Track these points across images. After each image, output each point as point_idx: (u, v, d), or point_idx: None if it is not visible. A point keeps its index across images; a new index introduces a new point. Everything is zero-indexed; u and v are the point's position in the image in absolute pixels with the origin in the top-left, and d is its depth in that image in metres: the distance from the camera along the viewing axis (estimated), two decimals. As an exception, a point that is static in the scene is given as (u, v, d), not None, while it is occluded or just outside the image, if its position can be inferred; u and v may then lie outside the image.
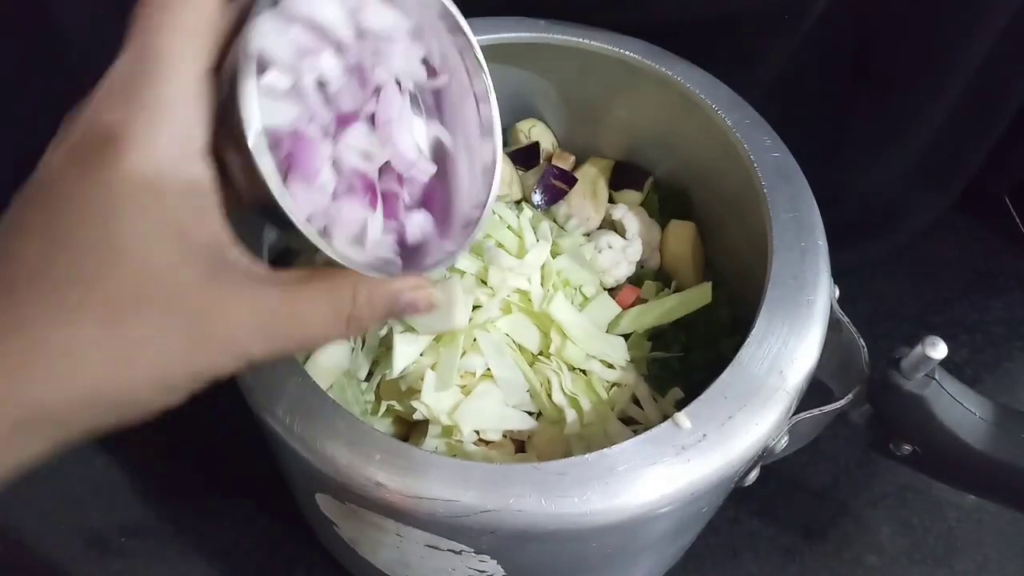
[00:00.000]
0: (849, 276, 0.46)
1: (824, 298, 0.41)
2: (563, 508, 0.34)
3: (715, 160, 0.50)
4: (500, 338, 0.46)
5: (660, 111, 0.53)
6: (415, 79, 0.33)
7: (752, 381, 0.38)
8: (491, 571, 0.40)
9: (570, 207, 0.55)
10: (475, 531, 0.35)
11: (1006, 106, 0.60)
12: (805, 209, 0.44)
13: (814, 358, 0.39)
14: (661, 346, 0.50)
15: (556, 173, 0.55)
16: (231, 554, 0.57)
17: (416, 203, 0.34)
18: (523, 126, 0.59)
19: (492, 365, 0.45)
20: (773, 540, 0.58)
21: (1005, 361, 0.67)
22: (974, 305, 0.70)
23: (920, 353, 0.37)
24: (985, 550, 0.58)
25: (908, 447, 0.42)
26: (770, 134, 0.47)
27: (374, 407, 0.47)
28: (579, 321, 0.48)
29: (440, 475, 0.35)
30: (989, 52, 0.54)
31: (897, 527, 0.59)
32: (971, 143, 0.63)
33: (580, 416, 0.46)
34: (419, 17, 0.31)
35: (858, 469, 0.61)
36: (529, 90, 0.57)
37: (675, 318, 0.50)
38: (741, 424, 0.37)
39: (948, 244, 0.73)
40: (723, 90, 0.49)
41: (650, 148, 0.57)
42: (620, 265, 0.53)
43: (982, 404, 0.40)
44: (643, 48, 0.51)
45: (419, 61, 0.32)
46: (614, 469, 0.35)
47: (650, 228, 0.55)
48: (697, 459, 0.35)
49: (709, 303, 0.50)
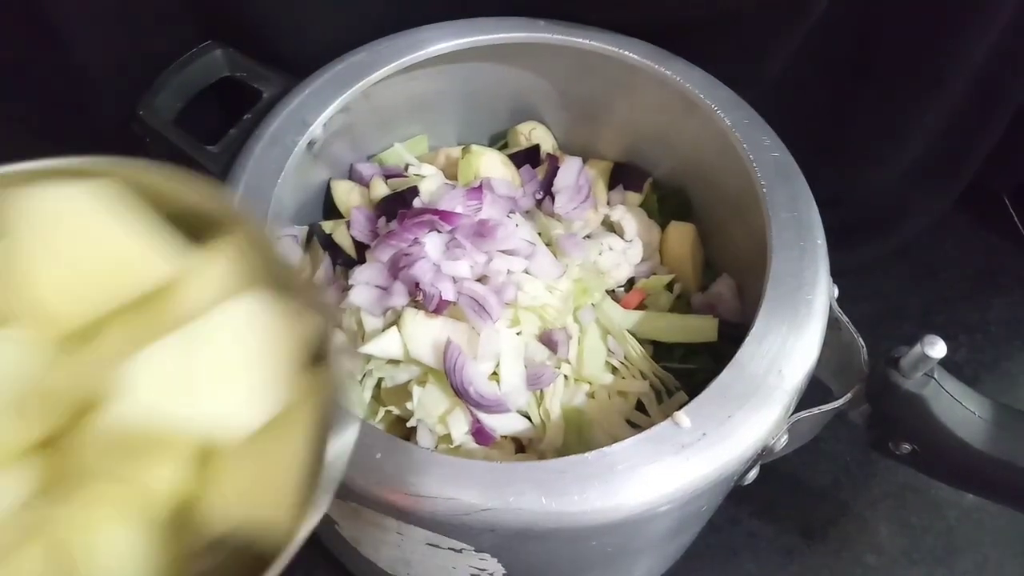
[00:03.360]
0: (849, 276, 0.46)
1: (823, 297, 0.41)
2: (563, 506, 0.34)
3: (714, 160, 0.51)
4: (519, 344, 0.46)
5: (660, 111, 0.53)
6: None
7: (751, 380, 0.38)
8: (491, 569, 0.40)
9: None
10: (476, 529, 0.35)
11: (1006, 106, 0.60)
12: (804, 209, 0.44)
13: (813, 357, 0.39)
14: (662, 351, 0.50)
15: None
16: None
17: None
18: (523, 128, 0.59)
19: (504, 366, 0.45)
20: (773, 540, 0.58)
21: (1005, 361, 0.67)
22: (974, 305, 0.70)
23: (919, 352, 0.37)
24: (984, 550, 0.58)
25: (907, 446, 0.42)
26: (769, 134, 0.47)
27: (373, 408, 0.47)
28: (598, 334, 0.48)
29: (441, 473, 0.35)
30: (989, 52, 0.54)
31: (897, 527, 0.59)
32: (971, 143, 0.63)
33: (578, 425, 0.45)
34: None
35: (858, 469, 0.61)
36: (529, 90, 0.57)
37: (675, 341, 0.50)
38: (740, 423, 0.37)
39: (948, 244, 0.73)
40: (723, 90, 0.49)
41: (650, 148, 0.57)
42: (621, 267, 0.53)
43: (981, 403, 0.40)
44: (643, 48, 0.51)
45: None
46: (614, 467, 0.35)
47: (649, 229, 0.55)
48: (697, 458, 0.36)
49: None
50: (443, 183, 0.54)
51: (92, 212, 0.19)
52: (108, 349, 0.20)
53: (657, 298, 0.53)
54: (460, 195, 0.51)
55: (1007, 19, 0.52)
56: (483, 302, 0.46)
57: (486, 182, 0.53)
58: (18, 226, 0.19)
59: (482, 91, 0.57)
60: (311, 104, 0.47)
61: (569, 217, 0.54)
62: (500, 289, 0.47)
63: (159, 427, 0.18)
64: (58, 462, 0.19)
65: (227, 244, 0.21)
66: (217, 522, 0.20)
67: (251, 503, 0.19)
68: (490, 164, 0.55)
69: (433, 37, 0.50)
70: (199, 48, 0.51)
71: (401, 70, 0.49)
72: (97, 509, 0.18)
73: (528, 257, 0.49)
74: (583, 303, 0.49)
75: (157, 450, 0.19)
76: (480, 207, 0.51)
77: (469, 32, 0.51)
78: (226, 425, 0.19)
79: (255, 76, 0.51)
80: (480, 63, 0.54)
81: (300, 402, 0.20)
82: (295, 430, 0.20)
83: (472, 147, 0.56)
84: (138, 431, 0.18)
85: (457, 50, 0.51)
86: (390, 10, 0.51)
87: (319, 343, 0.22)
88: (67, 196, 0.19)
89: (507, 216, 0.52)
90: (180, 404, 0.18)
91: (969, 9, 0.51)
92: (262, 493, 0.20)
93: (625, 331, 0.49)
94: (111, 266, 0.19)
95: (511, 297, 0.47)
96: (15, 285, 0.19)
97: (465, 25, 0.51)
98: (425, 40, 0.50)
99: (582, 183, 0.55)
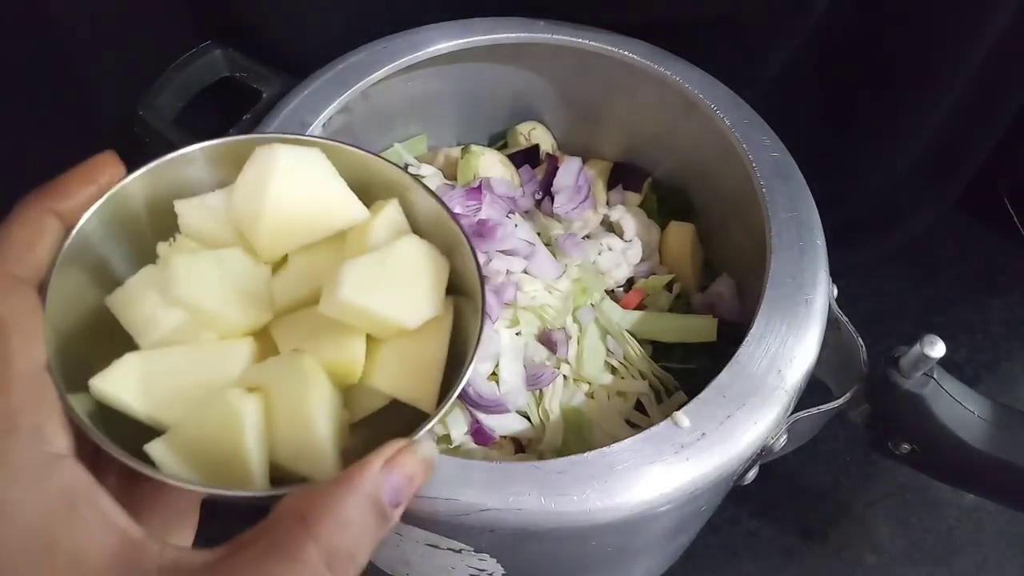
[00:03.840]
0: (849, 276, 0.46)
1: (823, 297, 0.41)
2: (562, 506, 0.34)
3: (714, 160, 0.51)
4: (518, 344, 0.46)
5: (659, 111, 0.53)
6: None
7: (751, 380, 0.38)
8: (491, 570, 0.40)
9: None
10: (475, 529, 0.35)
11: (1006, 106, 0.60)
12: (804, 209, 0.44)
13: (812, 357, 0.39)
14: (661, 351, 0.50)
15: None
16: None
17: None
18: (523, 128, 0.59)
19: (503, 367, 0.45)
20: (773, 540, 0.58)
21: (1005, 361, 0.67)
22: (974, 305, 0.70)
23: (919, 352, 0.37)
24: (984, 550, 0.58)
25: (907, 446, 0.42)
26: (769, 134, 0.47)
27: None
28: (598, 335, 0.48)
29: (440, 473, 0.35)
30: (990, 52, 0.54)
31: (896, 527, 0.59)
32: (971, 143, 0.63)
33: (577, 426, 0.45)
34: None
35: (858, 469, 0.61)
36: (529, 90, 0.57)
37: (675, 341, 0.50)
38: (740, 423, 0.37)
39: (948, 244, 0.73)
40: (722, 90, 0.49)
41: (649, 148, 0.57)
42: (620, 267, 0.53)
43: (981, 403, 0.40)
44: (643, 48, 0.51)
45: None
46: (613, 467, 0.35)
47: (649, 229, 0.55)
48: (696, 458, 0.36)
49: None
50: (442, 183, 0.54)
51: (315, 167, 0.27)
52: (314, 266, 0.28)
53: (657, 298, 0.53)
54: (459, 195, 0.51)
55: (1007, 19, 0.52)
56: (482, 302, 0.45)
57: (485, 182, 0.53)
58: (268, 169, 0.26)
59: (481, 91, 0.57)
60: (310, 104, 0.47)
61: (568, 217, 0.54)
62: (499, 289, 0.47)
63: (355, 314, 0.25)
64: (267, 341, 0.27)
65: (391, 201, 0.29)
66: (372, 399, 0.27)
67: (401, 385, 0.27)
68: (489, 164, 0.55)
69: (433, 37, 0.50)
70: (199, 48, 0.51)
71: (401, 70, 0.49)
72: (302, 370, 0.25)
73: (527, 257, 0.49)
74: (582, 303, 0.49)
75: (345, 333, 0.26)
76: (479, 207, 0.51)
77: (469, 32, 0.51)
78: (399, 319, 0.26)
79: (255, 76, 0.51)
80: (480, 63, 0.54)
81: (443, 317, 0.28)
82: (439, 336, 0.28)
83: (471, 147, 0.56)
84: (339, 317, 0.25)
85: (457, 50, 0.51)
86: (390, 10, 0.52)
87: (456, 280, 0.29)
88: (300, 155, 0.27)
89: (506, 216, 0.52)
90: (373, 299, 0.25)
91: (969, 9, 0.51)
92: (410, 379, 0.27)
93: (624, 331, 0.49)
94: (324, 206, 0.27)
95: (510, 297, 0.47)
96: (253, 213, 0.26)
97: (465, 25, 0.51)
98: (425, 40, 0.50)
99: (581, 183, 0.55)
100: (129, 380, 0.24)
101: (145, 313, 0.26)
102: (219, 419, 0.24)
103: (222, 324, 0.26)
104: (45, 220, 0.25)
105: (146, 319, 0.26)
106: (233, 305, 0.26)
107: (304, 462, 0.24)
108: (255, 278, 0.27)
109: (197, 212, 0.27)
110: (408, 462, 0.23)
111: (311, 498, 0.21)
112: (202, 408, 0.24)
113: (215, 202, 0.27)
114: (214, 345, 0.26)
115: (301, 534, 0.21)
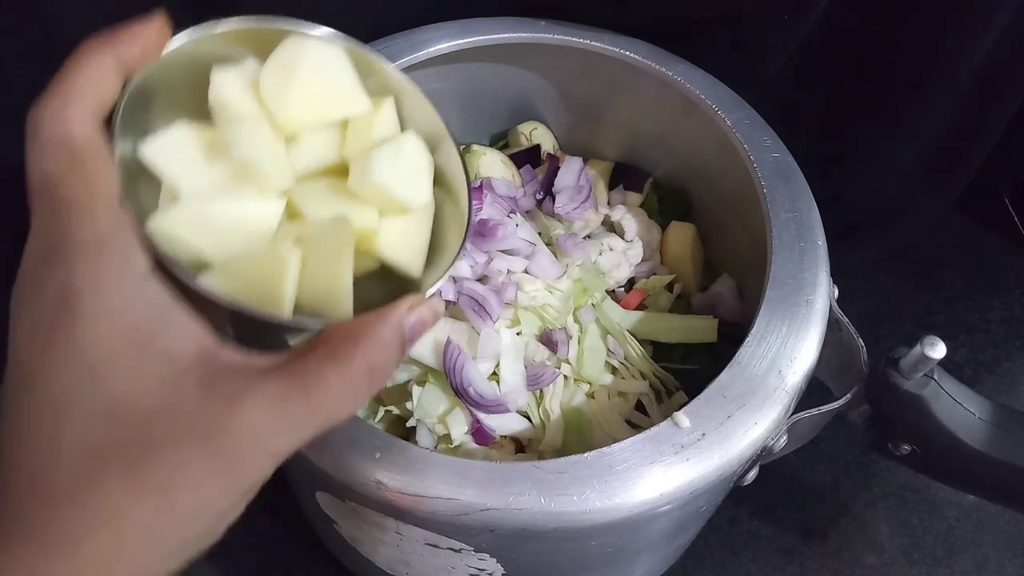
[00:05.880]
0: (849, 276, 0.46)
1: (823, 298, 0.41)
2: (562, 506, 0.34)
3: (715, 160, 0.51)
4: (519, 344, 0.46)
5: (660, 111, 0.53)
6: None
7: (751, 380, 0.38)
8: (490, 569, 0.40)
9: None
10: (475, 529, 0.35)
11: (1006, 106, 0.60)
12: (804, 209, 0.44)
13: (813, 358, 0.39)
14: (662, 351, 0.50)
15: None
16: (231, 553, 0.57)
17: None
18: (524, 128, 0.59)
19: (504, 366, 0.45)
20: (773, 540, 0.58)
21: (1005, 361, 0.67)
22: (974, 305, 0.70)
23: (919, 353, 0.37)
24: (984, 550, 0.58)
25: (907, 447, 0.42)
26: (769, 134, 0.47)
27: (372, 408, 0.47)
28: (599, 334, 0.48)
29: (440, 473, 0.35)
30: (990, 52, 0.54)
31: (896, 527, 0.59)
32: (971, 143, 0.63)
33: (578, 426, 0.45)
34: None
35: (858, 469, 0.61)
36: (529, 91, 0.57)
37: (675, 341, 0.50)
38: (740, 423, 0.37)
39: (948, 244, 0.73)
40: (723, 90, 0.49)
41: (650, 148, 0.57)
42: (621, 267, 0.53)
43: (981, 404, 0.40)
44: (643, 48, 0.51)
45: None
46: (613, 468, 0.35)
47: (649, 229, 0.55)
48: (696, 458, 0.36)
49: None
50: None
51: (337, 61, 0.32)
52: (321, 146, 0.32)
53: (657, 298, 0.53)
54: (460, 195, 0.51)
55: (1007, 19, 0.52)
56: (483, 302, 0.46)
57: (486, 182, 0.53)
58: (299, 55, 0.30)
59: (482, 91, 0.57)
60: (311, 104, 0.47)
61: (569, 217, 0.54)
62: (500, 289, 0.47)
63: (377, 192, 0.30)
64: (292, 206, 0.31)
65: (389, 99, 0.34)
66: (365, 262, 0.31)
67: (400, 252, 0.32)
68: (491, 164, 0.55)
69: (433, 37, 0.50)
70: (199, 48, 0.51)
71: (401, 70, 0.49)
72: (346, 232, 0.30)
73: (528, 257, 0.49)
74: (583, 303, 0.49)
75: (363, 206, 0.31)
76: (480, 207, 0.51)
77: (469, 32, 0.51)
78: (408, 198, 0.31)
79: (255, 76, 0.51)
80: (480, 63, 0.54)
81: (430, 204, 0.33)
82: (427, 220, 0.33)
83: (473, 147, 0.56)
84: (363, 192, 0.31)
85: (457, 50, 0.51)
86: (389, 10, 0.51)
87: (441, 174, 0.34)
88: (326, 48, 0.31)
89: (507, 216, 0.52)
90: (395, 182, 0.31)
91: (969, 9, 0.51)
92: (407, 248, 0.32)
93: (625, 331, 0.49)
94: (339, 93, 0.31)
95: (511, 297, 0.47)
96: (282, 90, 0.30)
97: (465, 25, 0.51)
98: (425, 40, 0.50)
99: (583, 183, 0.55)
100: (182, 220, 0.28)
101: (189, 165, 0.29)
102: (267, 263, 0.28)
103: (265, 182, 0.30)
104: (109, 63, 0.27)
105: (190, 171, 0.29)
106: (278, 166, 0.30)
107: (328, 304, 0.29)
108: (280, 148, 0.31)
109: (231, 81, 0.30)
110: (423, 309, 0.28)
111: (359, 324, 0.27)
112: (252, 253, 0.28)
113: (247, 76, 0.31)
114: (255, 199, 0.29)
115: (352, 347, 0.26)
